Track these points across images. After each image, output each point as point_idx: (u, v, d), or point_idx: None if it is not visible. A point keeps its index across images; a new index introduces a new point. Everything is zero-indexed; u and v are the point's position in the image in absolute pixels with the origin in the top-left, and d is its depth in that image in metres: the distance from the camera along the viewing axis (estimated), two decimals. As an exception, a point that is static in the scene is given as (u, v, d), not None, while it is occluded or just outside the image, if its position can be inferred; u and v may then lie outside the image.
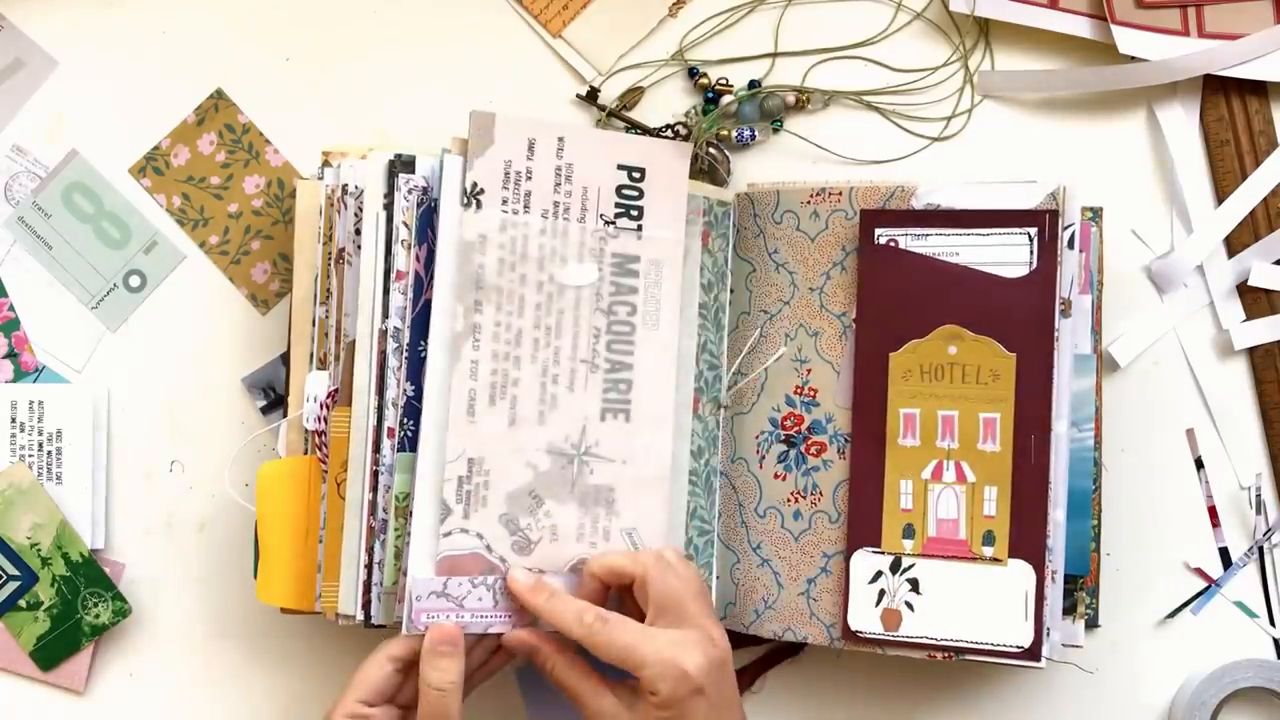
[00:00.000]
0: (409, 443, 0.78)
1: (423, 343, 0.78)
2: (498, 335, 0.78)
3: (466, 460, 0.77)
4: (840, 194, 0.82)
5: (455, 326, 0.77)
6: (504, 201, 0.78)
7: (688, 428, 0.83)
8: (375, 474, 0.78)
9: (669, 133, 0.87)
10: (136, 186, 0.89)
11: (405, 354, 0.78)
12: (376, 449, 0.78)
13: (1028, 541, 0.77)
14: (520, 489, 0.78)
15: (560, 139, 0.79)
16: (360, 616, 0.78)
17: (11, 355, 0.88)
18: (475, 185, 0.78)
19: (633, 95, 0.88)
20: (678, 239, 0.82)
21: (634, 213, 0.81)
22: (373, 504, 0.78)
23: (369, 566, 0.78)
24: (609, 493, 0.80)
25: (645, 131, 0.87)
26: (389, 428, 0.78)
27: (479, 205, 0.78)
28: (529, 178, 0.78)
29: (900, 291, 0.80)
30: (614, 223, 0.80)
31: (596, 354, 0.80)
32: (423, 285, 0.78)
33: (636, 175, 0.81)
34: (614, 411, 0.80)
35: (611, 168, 0.80)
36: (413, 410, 0.77)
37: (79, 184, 0.88)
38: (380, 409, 0.78)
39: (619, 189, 0.80)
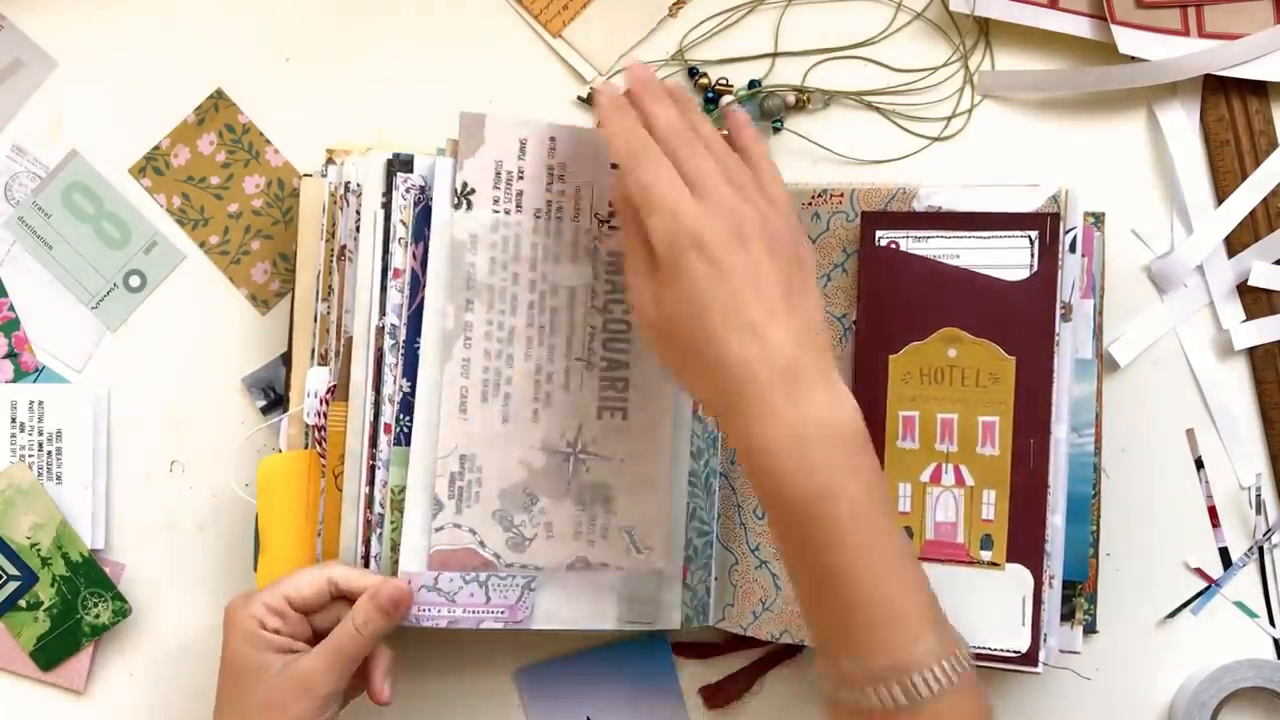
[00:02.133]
0: (405, 438, 0.78)
1: (419, 340, 0.78)
2: (490, 334, 0.78)
3: (459, 456, 0.78)
4: (841, 196, 0.82)
5: (446, 325, 0.78)
6: (495, 201, 0.78)
7: (688, 428, 0.83)
8: (372, 469, 0.78)
9: (669, 133, 0.87)
10: (136, 186, 0.89)
11: (402, 351, 0.78)
12: (374, 444, 0.78)
13: (1026, 546, 0.77)
14: (514, 485, 0.79)
15: (552, 139, 0.79)
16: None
17: (11, 355, 0.88)
18: (465, 185, 0.78)
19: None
20: None
21: None
22: (369, 498, 0.79)
23: (365, 559, 0.79)
24: (606, 490, 0.80)
25: (645, 132, 0.87)
26: (385, 423, 0.78)
27: (469, 205, 0.78)
28: (520, 177, 0.78)
29: (900, 294, 0.80)
30: (608, 221, 0.80)
31: (593, 352, 0.80)
32: (419, 283, 0.78)
33: None
34: (611, 410, 0.80)
35: (605, 167, 0.80)
36: (408, 406, 0.78)
37: (79, 184, 0.88)
38: (377, 404, 0.78)
39: (614, 188, 0.80)
